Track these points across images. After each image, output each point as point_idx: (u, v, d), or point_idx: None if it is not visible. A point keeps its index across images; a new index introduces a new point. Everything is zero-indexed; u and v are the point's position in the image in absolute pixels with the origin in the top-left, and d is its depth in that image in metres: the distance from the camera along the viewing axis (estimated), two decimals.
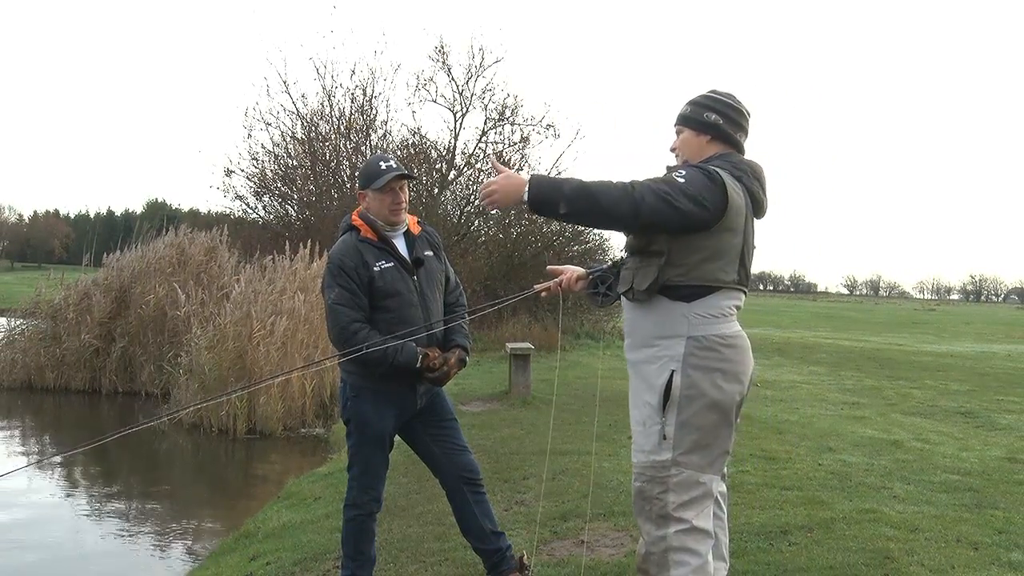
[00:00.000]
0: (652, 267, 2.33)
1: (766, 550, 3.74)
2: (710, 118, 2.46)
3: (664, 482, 2.32)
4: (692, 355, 2.32)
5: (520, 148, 18.30)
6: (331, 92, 18.22)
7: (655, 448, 2.34)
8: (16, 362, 11.87)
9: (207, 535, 5.77)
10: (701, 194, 2.24)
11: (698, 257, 2.31)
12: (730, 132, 2.47)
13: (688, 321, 2.33)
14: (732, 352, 2.37)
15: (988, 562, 3.63)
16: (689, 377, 2.31)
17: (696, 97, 2.53)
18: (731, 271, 2.36)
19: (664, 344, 2.35)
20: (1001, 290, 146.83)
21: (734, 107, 2.49)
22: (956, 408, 8.73)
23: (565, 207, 2.22)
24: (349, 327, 3.04)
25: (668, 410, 2.32)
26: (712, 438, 2.34)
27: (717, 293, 2.35)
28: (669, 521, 2.33)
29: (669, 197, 2.21)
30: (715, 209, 2.26)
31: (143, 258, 12.43)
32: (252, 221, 18.80)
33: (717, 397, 2.33)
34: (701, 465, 2.33)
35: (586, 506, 4.45)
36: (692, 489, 2.33)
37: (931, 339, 23.03)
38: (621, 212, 2.20)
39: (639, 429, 2.40)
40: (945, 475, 5.38)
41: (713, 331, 2.34)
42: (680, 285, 2.32)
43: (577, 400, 8.60)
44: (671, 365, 2.33)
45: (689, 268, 2.31)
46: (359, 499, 3.21)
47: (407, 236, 3.26)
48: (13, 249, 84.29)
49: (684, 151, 2.51)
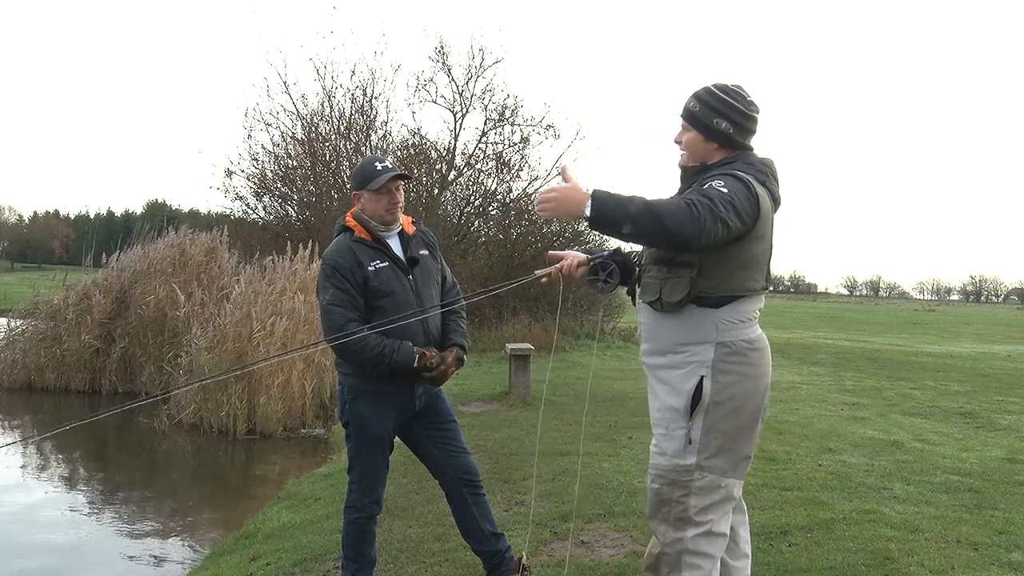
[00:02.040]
0: (683, 279, 2.29)
1: (766, 550, 3.74)
2: (720, 125, 2.37)
3: (687, 486, 2.32)
4: (722, 361, 2.32)
5: (520, 148, 18.32)
6: (331, 93, 18.24)
7: (679, 452, 2.33)
8: (16, 363, 11.87)
9: (207, 535, 5.77)
10: (744, 208, 2.21)
11: (730, 268, 2.30)
12: (738, 139, 2.40)
13: (717, 327, 2.32)
14: (757, 356, 2.38)
15: (988, 563, 3.62)
16: (719, 382, 2.31)
17: (704, 94, 2.41)
18: (759, 278, 2.37)
19: (692, 350, 2.33)
20: (1001, 291, 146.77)
21: (745, 112, 2.39)
22: (956, 409, 8.73)
23: (630, 227, 2.12)
24: (344, 327, 3.03)
25: (696, 414, 2.31)
26: (736, 442, 2.35)
27: (745, 299, 2.35)
28: (688, 524, 2.33)
29: (724, 216, 2.15)
30: (751, 221, 2.25)
31: (143, 259, 12.43)
32: (252, 222, 18.79)
33: (745, 402, 2.34)
34: (724, 469, 2.34)
35: (586, 506, 4.45)
36: (714, 493, 2.33)
37: (931, 340, 23.02)
38: (687, 234, 2.10)
39: (661, 432, 2.38)
40: (945, 476, 5.38)
41: (741, 336, 2.34)
42: (711, 295, 2.31)
43: (577, 401, 8.60)
44: (700, 371, 2.32)
45: (721, 279, 2.30)
46: (359, 502, 3.20)
47: (402, 236, 3.26)
48: (13, 250, 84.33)
49: (690, 152, 2.45)
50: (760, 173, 2.35)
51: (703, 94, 2.42)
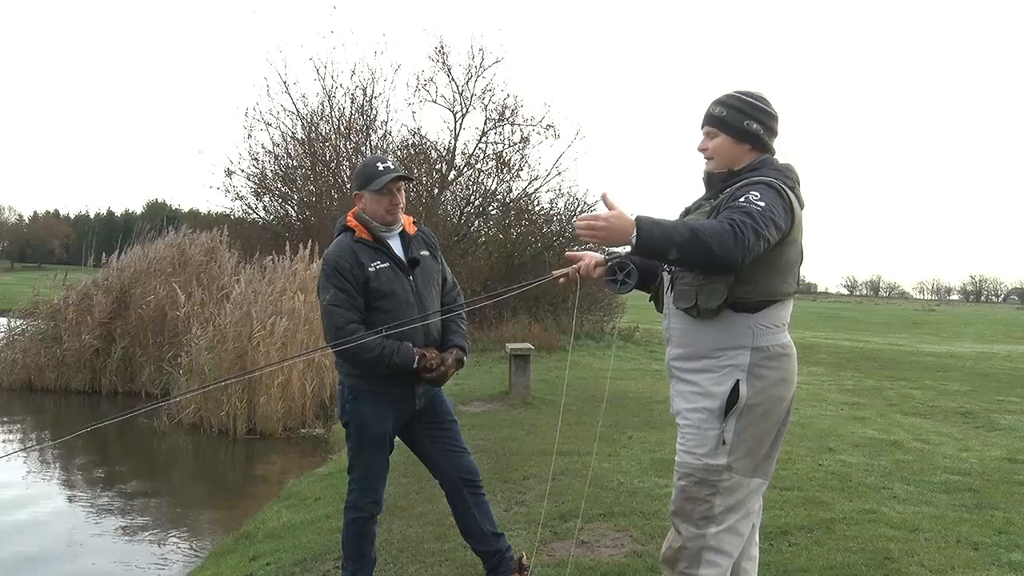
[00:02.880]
0: (720, 285, 2.31)
1: (766, 550, 3.74)
2: (751, 127, 2.43)
3: (715, 485, 2.35)
4: (758, 365, 2.35)
5: (520, 148, 18.33)
6: (331, 92, 18.24)
7: (711, 452, 2.36)
8: (16, 362, 11.87)
9: (207, 535, 5.77)
10: (783, 219, 2.25)
11: (766, 273, 2.33)
12: (767, 141, 2.47)
13: (753, 332, 2.35)
14: (788, 361, 2.42)
15: (988, 562, 3.63)
16: (754, 386, 2.34)
17: (731, 99, 2.46)
18: (792, 282, 2.41)
19: (728, 355, 2.36)
20: (1001, 290, 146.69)
21: (771, 113, 2.46)
22: (956, 408, 8.73)
23: (676, 254, 2.16)
24: (345, 328, 3.03)
25: (730, 417, 2.34)
26: (765, 443, 2.40)
27: (778, 304, 2.38)
28: (711, 523, 2.36)
29: (764, 233, 2.18)
30: (787, 229, 2.29)
31: (143, 258, 12.43)
32: (252, 221, 18.81)
33: (775, 405, 2.39)
34: (751, 469, 2.38)
35: (586, 506, 4.45)
36: (739, 492, 2.37)
37: (931, 339, 23.03)
38: (732, 257, 2.14)
39: (692, 431, 2.40)
40: (945, 475, 5.38)
41: (775, 341, 2.38)
42: (747, 301, 2.34)
43: (578, 401, 8.60)
44: (736, 374, 2.35)
45: (756, 284, 2.32)
46: (360, 502, 3.21)
47: (403, 236, 3.26)
48: (13, 249, 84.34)
49: (720, 157, 2.46)
50: (788, 179, 2.40)
51: (729, 99, 2.47)
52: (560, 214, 18.78)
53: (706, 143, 2.49)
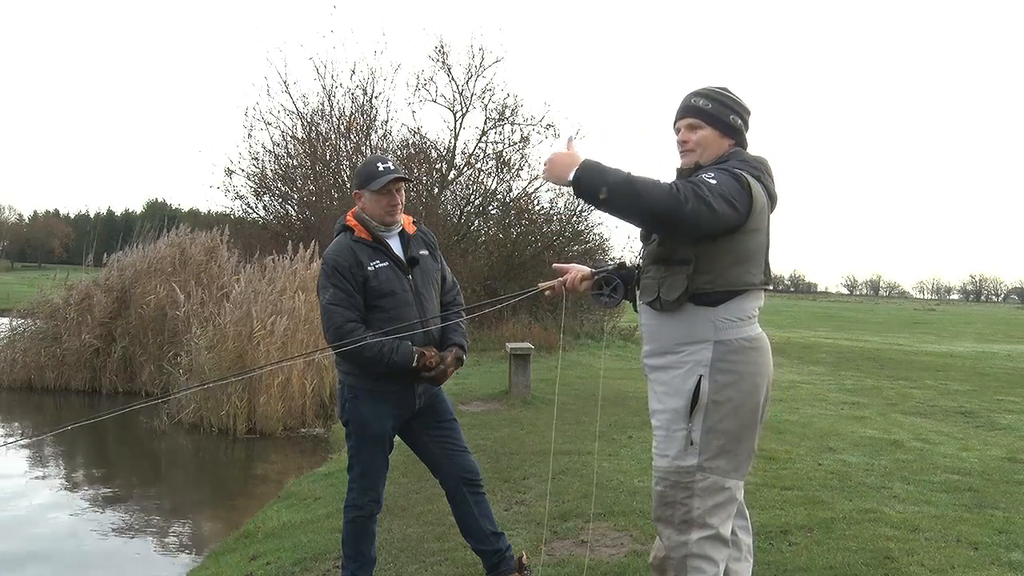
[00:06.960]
0: (680, 276, 2.29)
1: (766, 550, 3.74)
2: (736, 122, 2.43)
3: (689, 487, 2.31)
4: (720, 360, 2.30)
5: (520, 148, 18.33)
6: (331, 92, 18.24)
7: (680, 453, 2.32)
8: (16, 362, 11.87)
9: (207, 535, 5.77)
10: (733, 196, 2.21)
11: (726, 261, 2.29)
12: (745, 136, 2.48)
13: (715, 326, 2.31)
14: (756, 355, 2.36)
15: (988, 562, 3.62)
16: (717, 382, 2.30)
17: (713, 94, 2.44)
18: (757, 272, 2.36)
19: (689, 350, 2.33)
20: (1001, 290, 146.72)
21: (748, 110, 2.48)
22: (956, 408, 8.73)
23: (606, 193, 2.15)
24: (344, 327, 3.04)
25: (695, 415, 2.30)
26: (738, 442, 2.34)
27: (743, 296, 2.33)
28: (692, 527, 2.32)
29: (709, 198, 2.15)
30: (744, 211, 2.24)
31: (143, 258, 12.43)
32: (252, 221, 18.80)
33: (744, 401, 2.33)
34: (727, 470, 2.33)
35: (586, 506, 4.45)
36: (717, 495, 2.32)
37: (931, 339, 23.02)
38: (662, 209, 2.12)
39: (662, 434, 2.38)
40: (945, 475, 5.38)
41: (739, 334, 2.33)
42: (709, 292, 2.30)
43: (577, 400, 8.60)
44: (698, 370, 2.31)
45: (717, 274, 2.29)
46: (359, 501, 3.21)
47: (402, 236, 3.26)
48: (13, 249, 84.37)
49: (704, 150, 2.42)
50: (754, 169, 2.36)
51: (712, 93, 2.44)
52: (560, 214, 18.79)
53: (687, 135, 2.44)
